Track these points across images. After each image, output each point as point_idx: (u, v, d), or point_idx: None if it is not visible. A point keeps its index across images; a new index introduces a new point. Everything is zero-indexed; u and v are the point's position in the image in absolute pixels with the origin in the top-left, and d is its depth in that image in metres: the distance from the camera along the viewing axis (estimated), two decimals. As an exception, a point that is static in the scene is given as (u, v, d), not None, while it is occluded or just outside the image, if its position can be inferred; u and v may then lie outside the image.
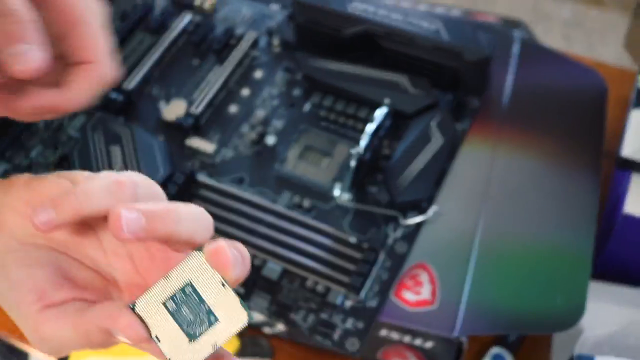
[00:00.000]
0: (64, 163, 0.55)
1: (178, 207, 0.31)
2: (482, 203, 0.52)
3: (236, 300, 0.30)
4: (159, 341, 0.30)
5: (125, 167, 0.53)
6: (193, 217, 0.31)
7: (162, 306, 0.30)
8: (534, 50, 0.61)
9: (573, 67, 0.61)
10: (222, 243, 0.30)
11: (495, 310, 0.48)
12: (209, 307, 0.30)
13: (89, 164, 0.53)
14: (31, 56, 0.31)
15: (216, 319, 0.30)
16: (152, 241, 0.32)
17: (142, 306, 0.30)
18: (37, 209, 0.31)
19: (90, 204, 0.31)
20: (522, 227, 0.52)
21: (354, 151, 0.48)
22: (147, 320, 0.30)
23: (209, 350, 0.30)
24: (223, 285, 0.30)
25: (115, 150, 0.54)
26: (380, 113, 0.48)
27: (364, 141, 0.48)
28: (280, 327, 0.49)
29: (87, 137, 0.55)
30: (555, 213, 0.52)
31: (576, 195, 0.53)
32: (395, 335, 0.49)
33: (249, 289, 0.49)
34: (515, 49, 0.61)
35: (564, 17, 1.57)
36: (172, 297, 0.30)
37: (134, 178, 0.32)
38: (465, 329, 0.47)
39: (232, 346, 0.55)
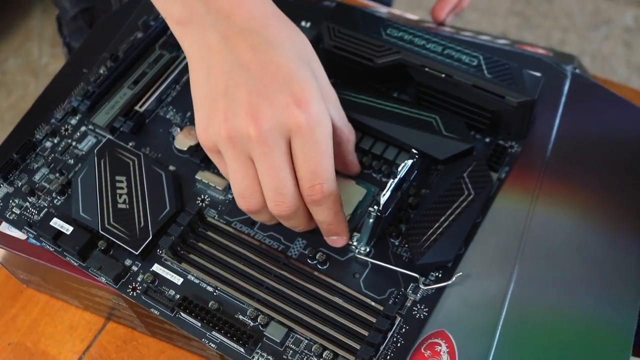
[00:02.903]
0: (66, 189, 0.51)
1: None
2: (514, 265, 0.47)
3: None
4: None
5: (130, 199, 0.49)
6: None
7: None
8: (584, 88, 0.56)
9: (627, 109, 0.55)
10: None
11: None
12: None
13: (93, 193, 0.49)
14: (341, 242, 0.47)
15: None
16: None
17: None
18: None
19: None
20: (556, 296, 0.46)
21: (371, 209, 0.43)
22: None
23: None
24: None
25: (122, 180, 0.50)
26: (405, 166, 0.43)
27: (384, 197, 0.43)
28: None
29: (93, 163, 0.51)
30: (595, 282, 0.47)
31: (621, 263, 0.47)
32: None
33: (249, 348, 0.44)
34: (565, 87, 0.55)
35: (626, 23, 1.49)
36: None
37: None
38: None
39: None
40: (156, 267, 0.48)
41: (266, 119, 0.42)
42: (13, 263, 0.57)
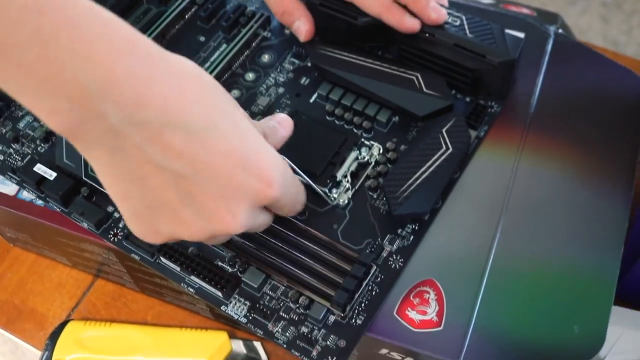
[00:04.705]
0: (50, 137, 0.52)
1: None
2: (499, 217, 0.48)
3: None
4: None
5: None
6: None
7: None
8: (568, 48, 0.56)
9: (610, 67, 0.56)
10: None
11: (505, 337, 0.44)
12: None
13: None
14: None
15: None
16: None
17: None
18: None
19: None
20: (541, 245, 0.47)
21: (353, 157, 0.44)
22: None
23: None
24: None
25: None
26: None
27: (366, 151, 0.44)
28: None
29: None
30: (579, 231, 0.48)
31: (604, 213, 0.48)
32: (396, 356, 0.46)
33: (227, 293, 0.45)
34: (548, 46, 0.56)
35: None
36: None
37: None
38: (471, 356, 0.43)
39: (225, 350, 0.52)
40: (138, 214, 0.49)
41: (244, 217, 0.37)
42: (1, 220, 0.57)
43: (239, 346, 0.53)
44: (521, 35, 0.55)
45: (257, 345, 0.53)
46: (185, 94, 0.34)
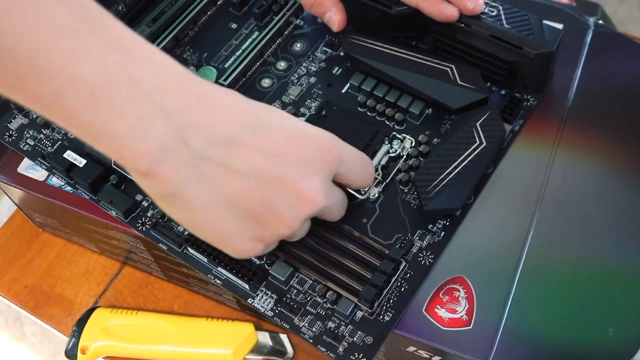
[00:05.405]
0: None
1: None
2: (534, 213, 0.47)
3: None
4: None
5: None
6: None
7: None
8: (608, 39, 0.55)
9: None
10: None
11: (536, 338, 0.43)
12: None
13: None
14: None
15: None
16: None
17: None
18: None
19: None
20: (576, 243, 0.46)
21: (384, 150, 0.43)
22: None
23: None
24: None
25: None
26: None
27: (397, 144, 0.43)
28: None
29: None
30: (616, 229, 0.46)
31: (643, 209, 0.47)
32: (424, 354, 0.45)
33: (254, 285, 0.45)
34: (588, 39, 0.55)
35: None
36: None
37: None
38: (500, 357, 0.42)
39: (251, 341, 0.52)
40: (166, 203, 0.48)
41: (322, 189, 0.39)
42: (30, 205, 0.57)
43: (265, 338, 0.52)
44: (560, 26, 0.54)
45: (284, 337, 0.53)
46: (236, 104, 0.37)
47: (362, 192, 0.47)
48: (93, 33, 0.31)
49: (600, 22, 0.56)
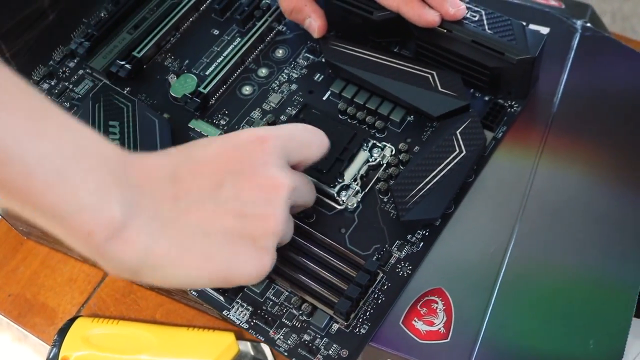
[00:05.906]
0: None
1: None
2: (515, 223, 0.46)
3: None
4: None
5: (122, 144, 0.49)
6: None
7: None
8: (596, 43, 0.53)
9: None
10: None
11: (514, 351, 0.42)
12: None
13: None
14: None
15: None
16: None
17: None
18: None
19: None
20: (557, 254, 0.45)
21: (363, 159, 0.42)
22: None
23: None
24: None
25: (115, 126, 0.50)
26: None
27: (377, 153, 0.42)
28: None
29: (87, 107, 0.51)
30: (600, 240, 0.45)
31: (627, 220, 0.46)
32: (400, 366, 0.45)
33: (229, 297, 0.44)
34: (574, 42, 0.54)
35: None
36: None
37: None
38: (478, 371, 0.42)
39: (232, 351, 0.52)
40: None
41: (282, 173, 0.39)
42: (14, 214, 0.57)
43: (246, 347, 0.52)
44: (545, 30, 0.53)
45: (265, 347, 0.52)
46: (166, 151, 0.39)
47: (341, 202, 0.47)
48: (46, 116, 0.32)
49: (588, 24, 0.55)
